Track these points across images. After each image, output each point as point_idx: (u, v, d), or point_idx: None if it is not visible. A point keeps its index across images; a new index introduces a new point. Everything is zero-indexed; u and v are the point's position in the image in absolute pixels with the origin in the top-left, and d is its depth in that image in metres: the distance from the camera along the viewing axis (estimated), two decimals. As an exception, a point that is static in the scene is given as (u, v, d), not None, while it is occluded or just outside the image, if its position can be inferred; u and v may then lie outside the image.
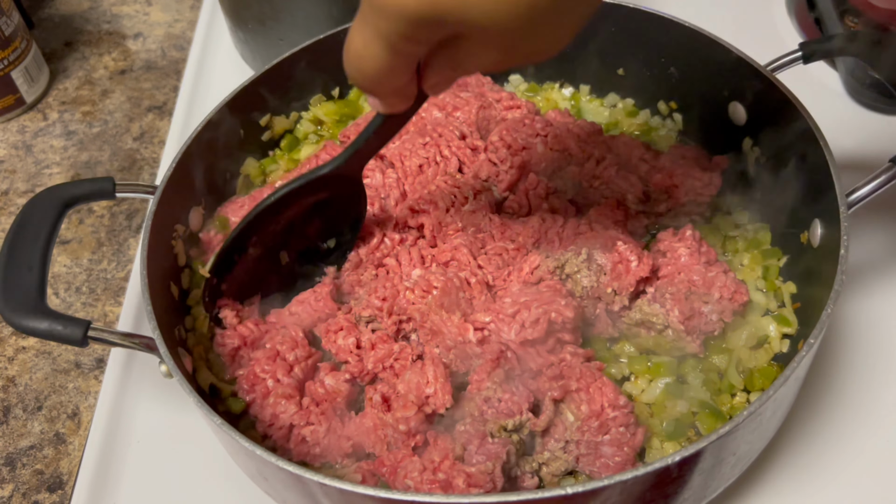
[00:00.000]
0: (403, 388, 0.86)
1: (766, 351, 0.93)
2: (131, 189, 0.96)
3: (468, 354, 0.88)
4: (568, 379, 0.85)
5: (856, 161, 1.18)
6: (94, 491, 0.95)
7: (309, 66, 1.14)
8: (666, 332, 0.91)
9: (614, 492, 0.68)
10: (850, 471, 0.90)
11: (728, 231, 1.05)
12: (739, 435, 0.72)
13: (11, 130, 1.46)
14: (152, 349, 0.83)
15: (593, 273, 0.93)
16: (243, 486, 0.92)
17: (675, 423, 0.87)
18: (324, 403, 0.88)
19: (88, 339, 0.81)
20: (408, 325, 0.93)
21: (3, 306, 0.81)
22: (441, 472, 0.77)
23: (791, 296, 0.96)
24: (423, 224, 1.00)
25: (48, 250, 0.87)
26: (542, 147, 1.06)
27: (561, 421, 0.84)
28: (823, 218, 0.90)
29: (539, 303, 0.88)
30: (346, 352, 0.91)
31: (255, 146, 1.15)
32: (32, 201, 0.90)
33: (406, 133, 1.10)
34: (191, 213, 1.02)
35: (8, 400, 1.08)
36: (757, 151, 1.05)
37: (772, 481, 0.90)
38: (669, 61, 1.13)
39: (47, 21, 1.70)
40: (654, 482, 0.70)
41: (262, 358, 0.90)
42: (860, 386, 0.97)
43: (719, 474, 0.78)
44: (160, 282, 0.92)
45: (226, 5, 1.38)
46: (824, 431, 0.93)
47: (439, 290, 0.91)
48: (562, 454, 0.83)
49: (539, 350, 0.89)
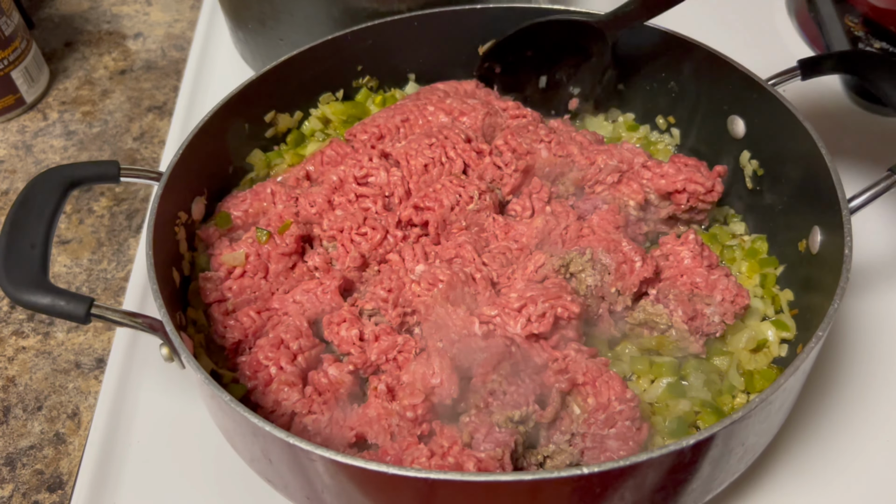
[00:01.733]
0: (409, 378, 0.85)
1: (765, 355, 0.94)
2: (135, 174, 0.95)
3: (473, 348, 0.88)
4: (574, 372, 0.85)
5: (856, 165, 1.21)
6: (94, 491, 0.93)
7: (314, 65, 1.15)
8: (669, 333, 0.91)
9: (628, 474, 0.68)
10: (851, 468, 0.91)
11: (725, 241, 1.07)
12: (750, 424, 0.73)
13: (11, 130, 1.46)
14: (156, 329, 0.82)
15: (597, 272, 0.93)
16: (243, 486, 0.91)
17: (678, 422, 0.88)
18: (326, 393, 0.87)
19: (91, 317, 0.80)
20: (412, 317, 0.93)
21: (5, 281, 0.79)
22: (451, 456, 0.76)
23: (788, 303, 0.98)
24: (427, 221, 1.00)
25: (51, 228, 0.86)
26: (546, 152, 1.07)
27: (567, 414, 0.84)
28: (823, 225, 0.92)
29: (545, 297, 0.88)
30: (348, 343, 0.90)
31: (260, 141, 1.15)
32: (35, 180, 0.89)
33: (412, 133, 1.11)
34: (194, 202, 1.02)
35: (8, 400, 1.06)
36: (755, 164, 1.07)
37: (775, 479, 0.91)
38: (670, 76, 1.16)
39: (47, 21, 1.70)
40: (669, 467, 0.70)
41: (265, 345, 0.89)
42: (860, 384, 0.98)
43: (727, 466, 0.78)
44: (163, 266, 0.90)
45: (226, 5, 1.39)
46: (825, 429, 0.94)
47: (445, 283, 0.91)
48: (567, 447, 0.83)
49: (544, 345, 0.89)
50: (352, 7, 1.20)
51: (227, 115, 1.05)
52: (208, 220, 1.04)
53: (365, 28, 1.15)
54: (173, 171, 0.95)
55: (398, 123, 1.12)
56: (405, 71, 1.24)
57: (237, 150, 1.11)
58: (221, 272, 0.96)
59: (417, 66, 1.23)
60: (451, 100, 1.14)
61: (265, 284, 0.96)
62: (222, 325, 0.92)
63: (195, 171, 1.01)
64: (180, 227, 0.98)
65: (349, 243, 0.98)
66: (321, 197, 1.02)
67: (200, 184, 1.03)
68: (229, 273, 0.96)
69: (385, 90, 1.25)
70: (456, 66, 1.21)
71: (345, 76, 1.20)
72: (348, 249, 0.97)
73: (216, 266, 0.97)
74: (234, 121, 1.08)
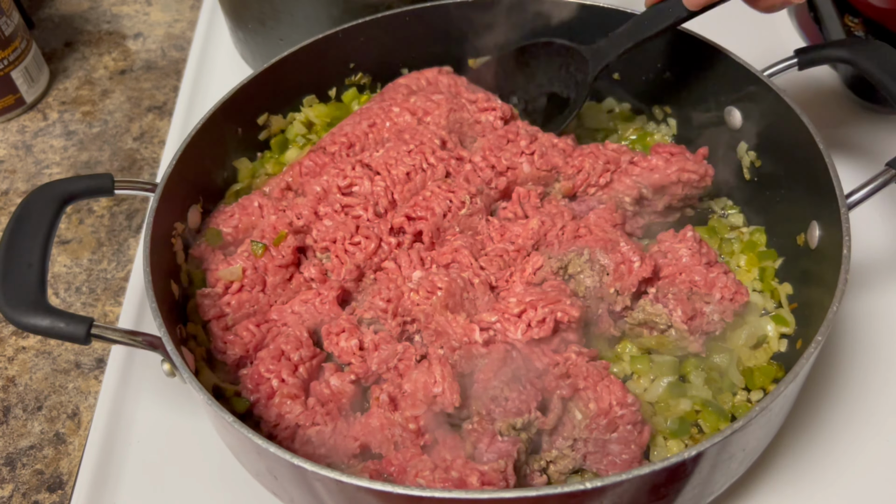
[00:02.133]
0: (410, 387, 0.85)
1: (765, 351, 0.94)
2: (130, 186, 0.94)
3: (473, 355, 0.88)
4: (575, 377, 0.85)
5: (855, 161, 1.20)
6: (94, 491, 0.93)
7: (305, 65, 1.13)
8: (669, 332, 0.92)
9: (630, 487, 0.69)
10: (848, 461, 0.92)
11: (724, 233, 1.07)
12: (751, 430, 0.73)
13: (11, 130, 1.45)
14: (156, 347, 0.82)
15: (596, 273, 0.93)
16: (243, 486, 0.91)
17: (679, 421, 0.88)
18: (329, 404, 0.87)
19: (91, 337, 0.79)
20: (412, 326, 0.93)
21: (3, 304, 0.79)
22: (454, 470, 0.76)
23: (787, 297, 0.98)
24: (420, 231, 0.99)
25: (48, 247, 0.85)
26: (529, 167, 1.04)
27: (569, 419, 0.85)
28: (821, 220, 0.92)
29: (545, 302, 0.88)
30: (349, 353, 0.90)
31: (253, 145, 1.14)
32: (29, 197, 0.88)
33: (381, 138, 1.10)
34: (189, 212, 1.01)
35: (8, 400, 1.07)
36: (752, 155, 1.07)
37: (772, 481, 0.91)
38: (665, 66, 1.15)
39: (47, 21, 1.69)
40: (668, 476, 0.71)
41: (266, 357, 0.89)
42: (858, 382, 0.99)
43: (728, 470, 0.78)
44: (162, 280, 0.90)
45: (226, 5, 1.38)
46: (823, 426, 0.95)
47: (444, 290, 0.91)
48: (570, 452, 0.84)
49: (544, 349, 0.89)
50: (352, 6, 1.18)
51: (219, 121, 1.04)
52: (203, 230, 1.04)
53: (356, 25, 1.13)
54: (168, 182, 0.94)
55: (365, 129, 1.10)
56: (398, 66, 1.22)
57: (230, 156, 1.10)
58: (219, 288, 0.96)
59: (410, 61, 1.22)
60: (416, 98, 1.12)
61: (263, 298, 0.96)
62: (222, 340, 0.92)
63: (190, 180, 1.00)
64: (177, 238, 0.97)
65: (343, 254, 0.97)
66: (307, 209, 1.01)
67: (195, 192, 1.03)
68: (227, 288, 0.96)
69: (375, 89, 1.23)
70: (448, 60, 1.20)
71: (337, 75, 1.19)
72: (343, 261, 0.97)
73: (213, 282, 0.97)
74: (228, 126, 1.07)
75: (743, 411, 0.89)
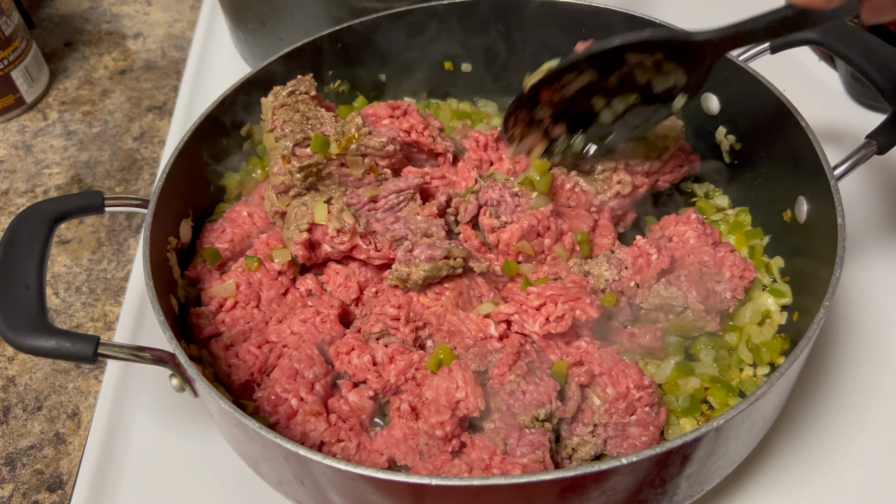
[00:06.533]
0: (432, 394, 0.84)
1: (769, 326, 0.96)
2: (121, 203, 0.92)
3: (488, 350, 0.88)
4: (590, 364, 0.86)
5: (831, 142, 1.23)
6: (94, 491, 0.92)
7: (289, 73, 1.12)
8: (686, 314, 0.92)
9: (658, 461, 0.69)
10: (845, 459, 0.93)
11: (711, 214, 1.09)
12: (769, 398, 0.75)
13: (11, 130, 1.43)
14: (165, 362, 0.80)
15: (614, 267, 0.94)
16: (242, 486, 0.91)
17: (690, 399, 0.89)
18: (351, 419, 0.86)
19: (99, 356, 0.77)
20: (423, 331, 0.92)
21: (5, 327, 0.76)
22: (495, 468, 0.76)
23: (780, 270, 1.00)
24: None
25: (43, 267, 0.82)
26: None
27: (588, 406, 0.85)
28: (808, 194, 0.95)
29: (566, 298, 0.88)
30: (363, 370, 0.89)
31: (237, 155, 1.12)
32: (19, 218, 0.85)
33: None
34: (181, 225, 0.99)
35: (8, 400, 1.05)
36: (731, 139, 1.09)
37: (770, 470, 0.92)
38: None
39: (47, 21, 1.67)
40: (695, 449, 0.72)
41: (281, 377, 0.87)
42: (853, 358, 1.01)
43: (748, 439, 0.80)
44: (163, 295, 0.88)
45: (226, 5, 1.37)
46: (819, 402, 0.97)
47: (451, 290, 0.91)
48: (590, 438, 0.84)
49: (558, 342, 0.89)
50: (352, 6, 1.18)
51: (205, 134, 1.02)
52: (198, 250, 1.02)
53: (334, 32, 1.13)
54: (160, 197, 0.92)
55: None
56: (376, 73, 1.22)
57: (216, 168, 1.08)
58: (213, 305, 0.94)
59: (387, 68, 1.22)
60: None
61: (258, 314, 0.94)
62: (226, 363, 0.90)
63: (179, 193, 0.98)
64: (171, 252, 0.95)
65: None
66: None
67: (185, 206, 1.01)
68: (221, 306, 0.94)
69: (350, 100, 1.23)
70: (425, 64, 1.21)
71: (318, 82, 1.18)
72: (346, 286, 0.96)
73: (207, 300, 0.95)
74: (213, 138, 1.05)
75: (750, 386, 0.91)
